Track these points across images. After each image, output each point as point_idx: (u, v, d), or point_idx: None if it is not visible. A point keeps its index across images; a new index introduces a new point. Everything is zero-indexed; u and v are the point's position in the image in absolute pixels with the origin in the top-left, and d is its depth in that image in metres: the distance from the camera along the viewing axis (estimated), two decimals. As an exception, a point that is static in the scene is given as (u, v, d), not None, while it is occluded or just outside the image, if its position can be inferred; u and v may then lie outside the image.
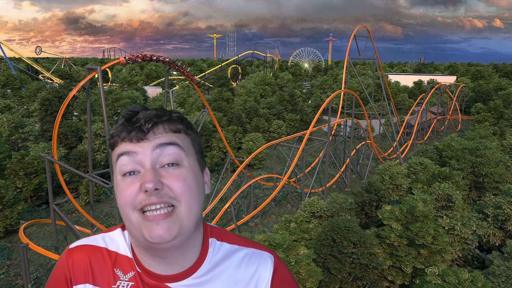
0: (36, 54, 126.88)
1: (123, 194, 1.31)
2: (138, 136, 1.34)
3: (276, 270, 1.51)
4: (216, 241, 1.53)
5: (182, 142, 1.38)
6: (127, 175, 1.32)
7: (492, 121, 64.45)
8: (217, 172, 44.29)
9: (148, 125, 1.35)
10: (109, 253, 1.50)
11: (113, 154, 1.40)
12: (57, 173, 25.87)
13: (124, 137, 1.36)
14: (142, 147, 1.33)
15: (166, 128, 1.38)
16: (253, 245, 1.57)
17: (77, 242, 1.57)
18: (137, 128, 1.35)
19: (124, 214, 1.33)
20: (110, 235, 1.55)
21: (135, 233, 1.33)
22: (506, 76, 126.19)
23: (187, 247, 1.42)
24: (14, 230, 28.93)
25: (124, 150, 1.34)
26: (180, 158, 1.35)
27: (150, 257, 1.41)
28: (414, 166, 34.22)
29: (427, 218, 21.61)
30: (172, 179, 1.30)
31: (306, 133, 36.53)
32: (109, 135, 1.42)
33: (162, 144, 1.33)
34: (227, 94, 73.44)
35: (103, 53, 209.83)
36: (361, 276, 19.99)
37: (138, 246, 1.43)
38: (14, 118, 43.07)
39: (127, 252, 1.49)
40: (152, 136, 1.35)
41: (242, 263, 1.50)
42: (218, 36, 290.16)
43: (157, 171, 1.30)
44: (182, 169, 1.34)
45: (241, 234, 26.45)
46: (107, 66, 28.77)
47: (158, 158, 1.32)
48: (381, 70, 56.23)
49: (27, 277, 20.96)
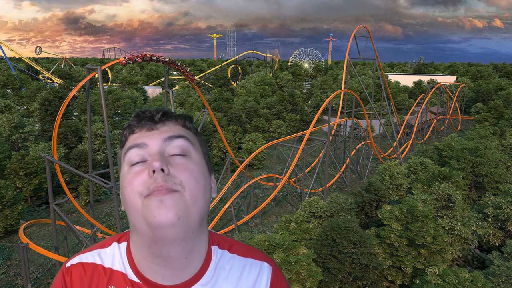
0: (36, 54, 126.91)
1: (131, 182, 1.28)
2: (148, 124, 1.36)
3: (273, 281, 1.53)
4: (218, 249, 1.52)
5: (191, 137, 1.40)
6: (135, 165, 1.31)
7: (492, 121, 64.45)
8: (217, 172, 44.30)
9: (159, 115, 1.38)
10: (105, 270, 1.46)
11: (122, 151, 1.39)
12: (57, 173, 25.84)
13: (134, 126, 1.38)
14: (151, 137, 1.33)
15: (177, 121, 1.41)
16: (251, 254, 1.57)
17: (73, 259, 1.52)
18: (148, 117, 1.38)
19: (129, 204, 1.28)
20: (107, 250, 1.52)
21: (138, 222, 1.27)
22: (506, 76, 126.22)
23: (192, 250, 1.37)
24: (14, 230, 28.94)
25: (134, 142, 1.34)
26: (188, 150, 1.35)
27: (153, 260, 1.34)
28: (414, 166, 34.22)
29: (427, 218, 21.61)
30: (178, 168, 1.29)
31: (306, 133, 36.53)
32: (122, 130, 1.44)
33: (171, 136, 1.34)
34: (227, 94, 73.43)
35: (103, 53, 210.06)
36: (361, 276, 19.99)
37: (141, 245, 1.37)
38: (14, 118, 43.07)
39: (121, 267, 1.45)
40: (161, 125, 1.36)
41: (242, 275, 1.49)
42: (218, 36, 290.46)
43: (164, 157, 1.30)
44: (190, 160, 1.34)
45: (241, 234, 26.46)
46: (107, 66, 28.75)
47: (167, 148, 1.33)
48: (381, 70, 56.22)
49: (27, 277, 20.97)
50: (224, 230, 30.55)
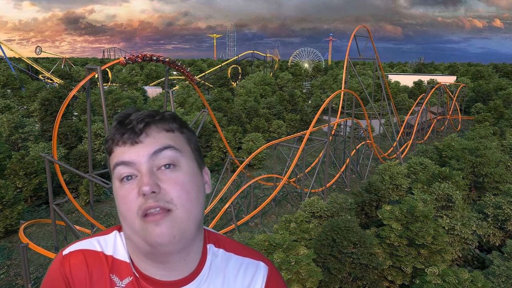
0: (36, 54, 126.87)
1: (124, 202, 1.29)
2: (131, 138, 1.32)
3: (269, 281, 1.53)
4: (213, 247, 1.52)
5: (177, 143, 1.36)
6: (125, 180, 1.30)
7: (492, 121, 64.45)
8: (217, 172, 44.30)
9: (140, 126, 1.33)
10: (106, 257, 1.42)
11: (110, 160, 1.37)
12: (57, 173, 25.86)
13: (118, 139, 1.34)
14: (137, 154, 1.30)
15: (159, 127, 1.36)
16: (248, 253, 1.57)
17: (71, 246, 1.45)
18: (129, 130, 1.33)
19: (126, 221, 1.30)
20: (106, 238, 1.48)
21: (137, 240, 1.30)
22: (506, 76, 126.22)
23: (189, 252, 1.40)
24: (14, 230, 28.94)
25: (120, 159, 1.31)
26: (176, 159, 1.33)
27: (150, 263, 1.37)
28: (414, 166, 34.22)
29: (427, 218, 21.61)
30: (168, 183, 1.28)
31: (306, 133, 36.54)
32: (104, 140, 1.40)
33: (156, 150, 1.31)
34: (227, 94, 73.44)
35: (103, 53, 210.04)
36: (361, 276, 19.99)
37: (137, 252, 1.39)
38: (14, 118, 43.08)
39: (124, 257, 1.43)
40: (145, 137, 1.33)
41: (238, 274, 1.50)
42: (218, 36, 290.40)
43: (154, 174, 1.28)
44: (179, 172, 1.32)
45: (241, 234, 26.45)
46: (107, 66, 28.76)
47: (154, 162, 1.30)
48: (381, 70, 56.23)
49: (27, 277, 20.97)
50: (224, 230, 30.55)
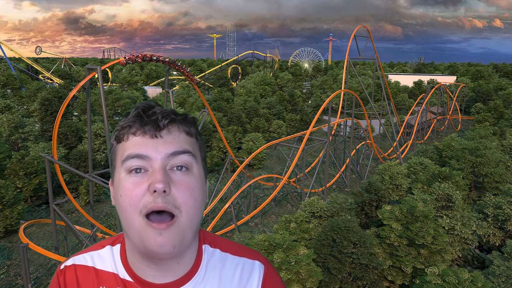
0: (36, 54, 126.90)
1: (128, 194, 1.26)
2: (153, 130, 1.30)
3: (265, 280, 1.53)
4: (209, 248, 1.53)
5: (193, 149, 1.36)
6: (133, 172, 1.28)
7: (492, 121, 64.46)
8: (217, 172, 44.31)
9: (165, 121, 1.32)
10: (96, 271, 1.50)
11: (119, 147, 1.34)
12: (57, 173, 25.85)
13: (137, 128, 1.31)
14: (156, 150, 1.28)
15: (181, 128, 1.36)
16: (244, 253, 1.57)
17: (67, 261, 1.58)
18: (153, 122, 1.31)
19: (125, 216, 1.28)
20: (100, 253, 1.54)
21: (135, 239, 1.29)
22: (506, 76, 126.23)
23: (184, 256, 1.41)
24: (14, 230, 28.93)
25: (136, 152, 1.28)
26: (191, 164, 1.33)
27: (145, 263, 1.39)
28: (414, 166, 34.21)
29: (427, 218, 21.61)
30: (179, 187, 1.27)
31: (306, 133, 36.54)
32: (119, 126, 1.36)
33: (175, 152, 1.30)
34: (227, 94, 73.44)
35: (103, 53, 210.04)
36: (361, 276, 19.99)
37: (134, 251, 1.40)
38: (14, 118, 43.08)
39: (113, 268, 1.48)
40: (166, 133, 1.32)
41: (235, 273, 1.50)
42: (218, 36, 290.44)
43: (167, 173, 1.27)
44: (191, 176, 1.32)
45: (241, 234, 26.45)
46: (107, 66, 28.76)
47: (170, 162, 1.30)
48: (381, 70, 56.23)
49: (27, 277, 20.97)
50: (224, 230, 30.56)
